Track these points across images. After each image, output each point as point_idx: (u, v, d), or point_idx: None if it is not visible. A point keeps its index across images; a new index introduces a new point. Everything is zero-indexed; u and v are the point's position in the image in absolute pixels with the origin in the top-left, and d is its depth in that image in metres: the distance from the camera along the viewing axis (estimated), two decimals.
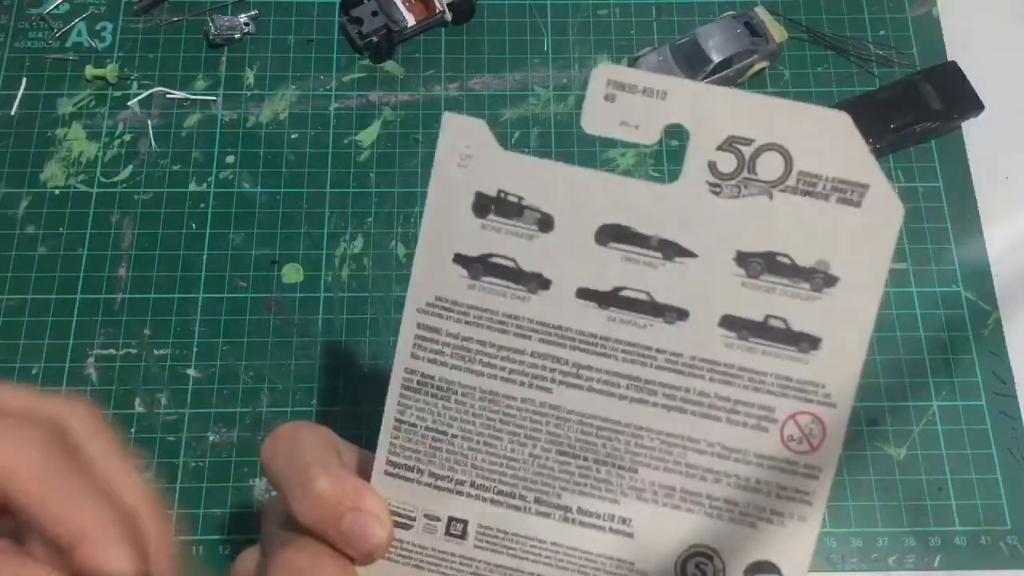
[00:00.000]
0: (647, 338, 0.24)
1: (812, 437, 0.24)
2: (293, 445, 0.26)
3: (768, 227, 0.23)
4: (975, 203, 0.59)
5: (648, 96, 0.23)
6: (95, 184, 0.58)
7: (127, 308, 0.55)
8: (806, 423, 0.24)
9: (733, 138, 0.23)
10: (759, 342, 0.24)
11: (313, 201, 0.58)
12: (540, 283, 0.25)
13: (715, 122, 0.23)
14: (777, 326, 0.24)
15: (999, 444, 0.53)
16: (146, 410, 0.53)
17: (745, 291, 0.24)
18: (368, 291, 0.56)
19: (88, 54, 0.62)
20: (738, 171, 0.23)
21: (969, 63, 0.60)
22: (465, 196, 0.25)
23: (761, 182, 0.23)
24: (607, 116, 0.24)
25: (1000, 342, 0.56)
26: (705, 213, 0.24)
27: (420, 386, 0.26)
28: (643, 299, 0.24)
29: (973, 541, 0.51)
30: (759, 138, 0.23)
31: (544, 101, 0.61)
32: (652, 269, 0.24)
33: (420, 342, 0.25)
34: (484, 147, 0.25)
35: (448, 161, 0.25)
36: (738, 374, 0.24)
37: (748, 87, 0.62)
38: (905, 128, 0.58)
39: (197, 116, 0.60)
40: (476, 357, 0.25)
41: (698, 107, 0.23)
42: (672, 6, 0.65)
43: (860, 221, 0.23)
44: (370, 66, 0.62)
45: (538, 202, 0.24)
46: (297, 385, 0.54)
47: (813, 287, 0.24)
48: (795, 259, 0.24)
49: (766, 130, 0.23)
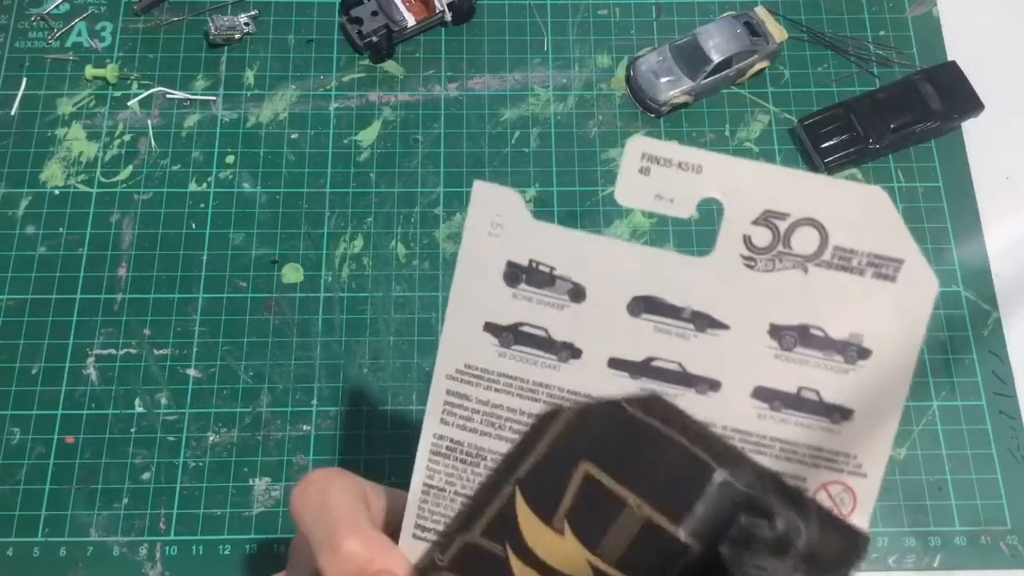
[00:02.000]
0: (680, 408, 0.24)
1: (843, 505, 0.24)
2: (324, 497, 0.26)
3: (802, 301, 0.23)
4: (975, 203, 0.59)
5: (683, 170, 0.23)
6: (95, 184, 0.58)
7: (127, 308, 0.55)
8: (837, 492, 0.24)
9: (768, 212, 0.23)
10: (792, 413, 0.24)
11: (313, 201, 0.58)
12: (571, 352, 0.25)
13: (750, 196, 0.23)
14: (810, 398, 0.24)
15: (999, 444, 0.53)
16: (146, 410, 0.53)
17: (778, 363, 0.24)
18: (368, 291, 0.56)
19: (88, 54, 0.62)
20: (773, 245, 0.23)
21: (969, 63, 0.60)
22: (496, 265, 0.24)
23: (796, 256, 0.23)
24: (642, 189, 0.23)
25: (1000, 342, 0.56)
26: (739, 286, 0.24)
27: (449, 451, 0.26)
28: (675, 369, 0.24)
29: (973, 541, 0.51)
30: (794, 212, 0.23)
31: (544, 101, 0.61)
32: (684, 340, 0.24)
33: (449, 407, 0.25)
34: (515, 216, 0.24)
35: (479, 229, 0.24)
36: (770, 444, 0.24)
37: (748, 87, 0.62)
38: (905, 128, 0.58)
39: (197, 116, 0.60)
40: (506, 424, 0.25)
41: (733, 181, 0.23)
42: (672, 6, 0.65)
43: (895, 295, 0.23)
44: (370, 66, 0.62)
45: (570, 272, 0.24)
46: (297, 385, 0.54)
47: (847, 359, 0.24)
48: (829, 332, 0.24)
49: (802, 205, 0.23)
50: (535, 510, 0.22)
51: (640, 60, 0.61)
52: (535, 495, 0.22)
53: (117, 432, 0.52)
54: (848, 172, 0.60)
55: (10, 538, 0.50)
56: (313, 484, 0.27)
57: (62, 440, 0.52)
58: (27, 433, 0.52)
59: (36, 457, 0.52)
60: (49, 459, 0.52)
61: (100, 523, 0.50)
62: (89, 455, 0.52)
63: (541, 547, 0.22)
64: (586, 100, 0.62)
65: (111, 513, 0.51)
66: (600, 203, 0.59)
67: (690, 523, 0.21)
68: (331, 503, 0.26)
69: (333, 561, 0.24)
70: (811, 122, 0.59)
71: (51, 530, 0.50)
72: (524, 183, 0.59)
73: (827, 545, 0.22)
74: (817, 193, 0.23)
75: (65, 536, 0.50)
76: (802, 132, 0.59)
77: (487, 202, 0.24)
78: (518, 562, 0.22)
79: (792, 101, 0.62)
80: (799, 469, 0.24)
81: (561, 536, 0.22)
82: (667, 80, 0.60)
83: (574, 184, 0.59)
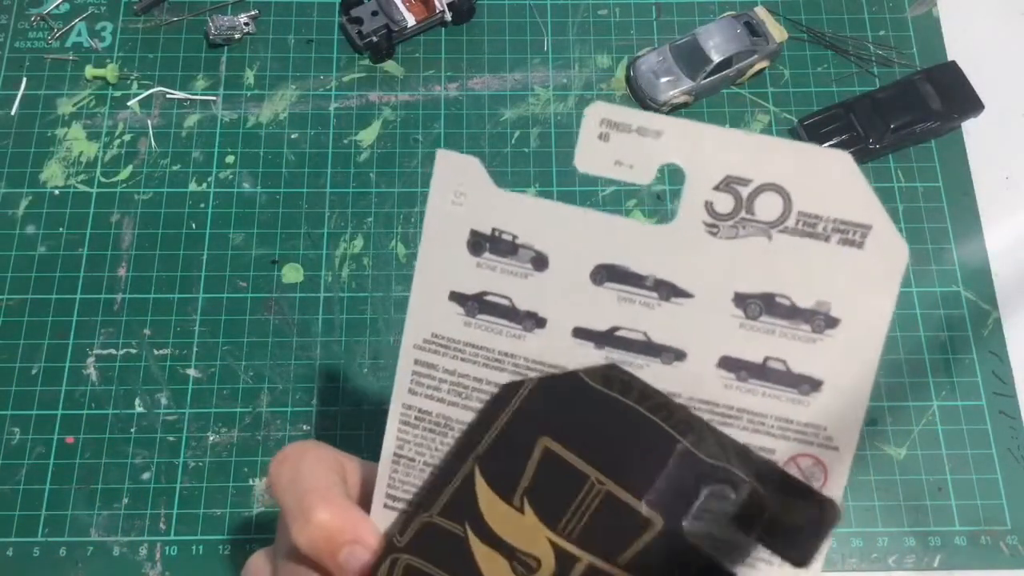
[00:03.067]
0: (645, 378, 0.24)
1: (814, 480, 0.24)
2: (298, 469, 0.26)
3: (767, 268, 0.23)
4: (975, 203, 0.59)
5: (642, 135, 0.23)
6: (95, 184, 0.58)
7: (127, 308, 0.55)
8: (807, 466, 0.24)
9: (730, 178, 0.23)
10: (759, 384, 0.24)
11: (313, 201, 0.58)
12: (536, 321, 0.24)
13: (711, 162, 0.23)
14: (777, 368, 0.23)
15: (999, 444, 0.53)
16: (146, 410, 0.53)
17: (744, 332, 0.23)
18: (368, 291, 0.56)
19: (88, 54, 0.62)
20: (736, 211, 0.23)
21: (969, 63, 0.60)
22: (460, 234, 0.24)
23: (759, 222, 0.23)
24: (601, 155, 0.23)
25: (1000, 342, 0.56)
26: (702, 253, 0.23)
27: (418, 421, 0.26)
28: (640, 339, 0.24)
29: (973, 541, 0.51)
30: (757, 178, 0.22)
31: (544, 101, 0.61)
32: (648, 309, 0.24)
33: (417, 378, 0.25)
34: (478, 185, 0.24)
35: (442, 198, 0.24)
36: (737, 415, 0.24)
37: (748, 87, 0.62)
38: (905, 128, 0.58)
39: (197, 116, 0.60)
40: (473, 394, 0.25)
41: (694, 147, 0.23)
42: (672, 6, 0.65)
43: (862, 262, 0.23)
44: (370, 66, 0.62)
45: (532, 240, 0.24)
46: (297, 385, 0.54)
47: (814, 329, 0.23)
48: (795, 300, 0.23)
49: (764, 170, 0.22)
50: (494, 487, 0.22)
51: (640, 60, 0.61)
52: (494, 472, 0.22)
53: (117, 432, 0.52)
54: None
55: (10, 538, 0.50)
56: (289, 456, 0.27)
57: (62, 440, 0.52)
58: (27, 433, 0.52)
59: (36, 457, 0.52)
60: (49, 459, 0.52)
61: (100, 523, 0.50)
62: (89, 455, 0.52)
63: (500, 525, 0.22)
64: (586, 100, 0.62)
65: (111, 513, 0.51)
66: (600, 203, 0.59)
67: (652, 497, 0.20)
68: (305, 474, 0.26)
69: (304, 530, 0.24)
70: (811, 122, 0.59)
71: (51, 530, 0.50)
72: (524, 183, 0.59)
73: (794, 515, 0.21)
74: (780, 158, 0.22)
75: (65, 536, 0.50)
76: (802, 132, 0.59)
77: (450, 171, 0.24)
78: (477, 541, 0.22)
79: (792, 101, 0.62)
80: (768, 441, 0.24)
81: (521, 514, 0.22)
82: (667, 80, 0.60)
83: (574, 184, 0.59)
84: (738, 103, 0.62)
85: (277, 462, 0.27)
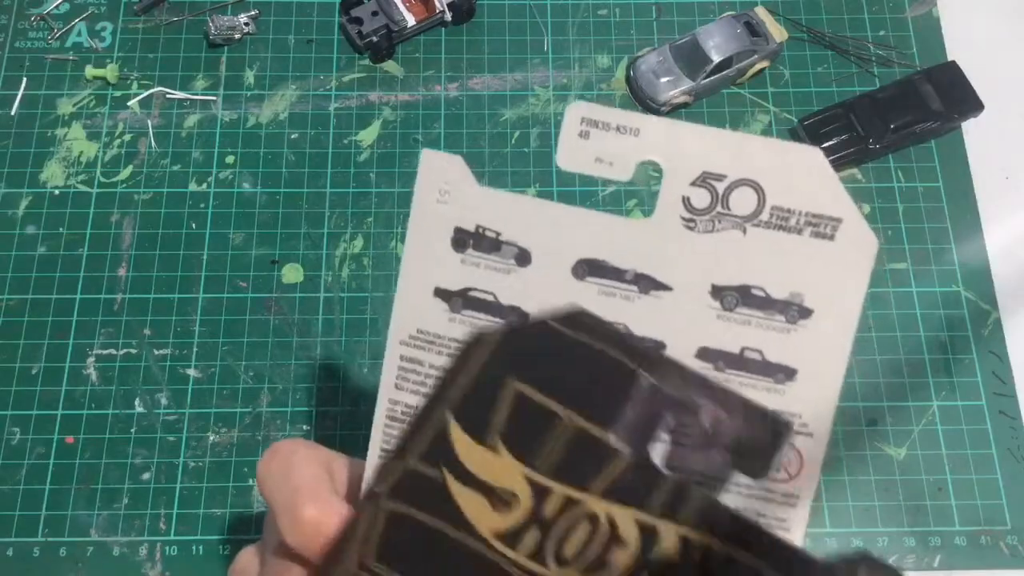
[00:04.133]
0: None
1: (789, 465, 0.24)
2: (287, 466, 0.26)
3: (742, 261, 0.24)
4: (975, 203, 0.59)
5: (622, 133, 0.23)
6: (95, 184, 0.58)
7: (127, 308, 0.55)
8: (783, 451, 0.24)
9: (706, 174, 0.23)
10: (735, 373, 0.24)
11: (313, 201, 0.58)
12: (519, 316, 0.25)
13: (688, 158, 0.23)
14: (753, 358, 0.24)
15: (999, 444, 0.53)
16: (146, 410, 0.53)
17: (721, 323, 0.24)
18: (368, 291, 0.56)
19: (88, 54, 0.62)
20: (712, 206, 0.24)
21: (969, 63, 0.60)
22: (444, 231, 0.25)
23: (734, 217, 0.23)
24: (581, 153, 0.24)
25: (1000, 342, 0.56)
26: (679, 247, 0.24)
27: (404, 416, 0.26)
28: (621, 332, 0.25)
29: (973, 541, 0.51)
30: (732, 173, 0.23)
31: (544, 101, 0.62)
32: (628, 303, 0.25)
33: (403, 373, 0.26)
34: (462, 183, 0.25)
35: (427, 197, 0.25)
36: None
37: (748, 87, 0.62)
38: (905, 128, 0.58)
39: (197, 116, 0.60)
40: None
41: (671, 143, 0.23)
42: (672, 6, 0.65)
43: (834, 254, 0.23)
44: (370, 66, 0.62)
45: (515, 237, 0.25)
46: (297, 385, 0.54)
47: (788, 319, 0.24)
48: (769, 292, 0.24)
49: (739, 165, 0.23)
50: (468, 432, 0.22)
51: (640, 60, 0.61)
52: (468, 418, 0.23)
53: (117, 432, 0.52)
54: (848, 172, 0.60)
55: (10, 538, 0.50)
56: (278, 453, 0.27)
57: (62, 440, 0.52)
58: (27, 433, 0.52)
59: (36, 457, 0.52)
60: (49, 459, 0.52)
61: (100, 523, 0.50)
62: (89, 455, 0.52)
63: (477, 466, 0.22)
64: (586, 100, 0.62)
65: (111, 513, 0.51)
66: (600, 203, 0.59)
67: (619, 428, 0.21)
68: (293, 471, 0.26)
69: (292, 527, 0.25)
70: (811, 122, 0.59)
71: (51, 530, 0.50)
72: (524, 183, 0.59)
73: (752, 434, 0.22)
74: (754, 153, 0.23)
75: (65, 536, 0.50)
76: (802, 132, 0.59)
77: (435, 170, 0.25)
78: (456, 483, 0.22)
79: (792, 101, 0.62)
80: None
81: (496, 453, 0.22)
82: (667, 80, 0.60)
83: (574, 184, 0.59)
84: (738, 103, 0.62)
85: (265, 460, 0.27)
